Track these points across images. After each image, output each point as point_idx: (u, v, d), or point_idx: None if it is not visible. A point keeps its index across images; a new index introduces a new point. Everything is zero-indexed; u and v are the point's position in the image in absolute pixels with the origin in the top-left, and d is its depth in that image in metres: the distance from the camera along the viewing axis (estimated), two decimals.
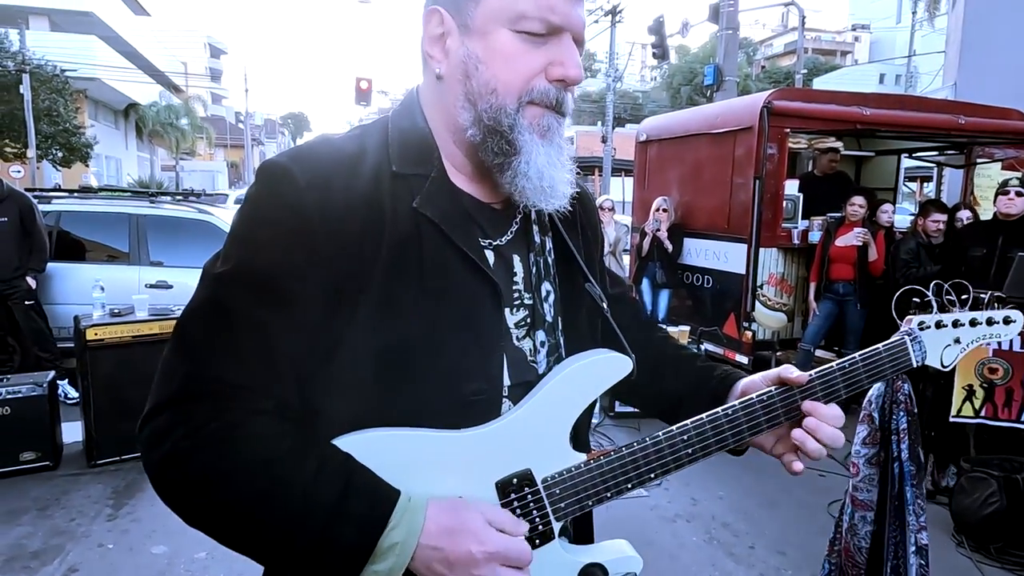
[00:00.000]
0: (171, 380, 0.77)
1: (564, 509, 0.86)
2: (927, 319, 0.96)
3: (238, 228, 0.82)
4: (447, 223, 0.83)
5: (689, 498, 3.82)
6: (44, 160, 18.54)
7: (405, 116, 0.89)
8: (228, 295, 0.78)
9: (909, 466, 0.99)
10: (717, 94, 10.61)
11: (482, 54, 0.82)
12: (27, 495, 3.63)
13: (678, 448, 0.89)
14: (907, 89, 28.57)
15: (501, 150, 0.83)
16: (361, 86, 15.37)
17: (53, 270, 5.45)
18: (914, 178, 13.03)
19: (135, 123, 30.68)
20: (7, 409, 3.80)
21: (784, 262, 5.74)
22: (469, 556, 0.75)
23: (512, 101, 0.82)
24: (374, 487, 0.76)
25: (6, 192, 5.01)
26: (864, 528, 1.05)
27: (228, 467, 0.73)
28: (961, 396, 3.64)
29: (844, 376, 0.93)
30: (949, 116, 5.82)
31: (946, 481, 3.84)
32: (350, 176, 0.80)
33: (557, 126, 0.86)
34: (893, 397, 0.97)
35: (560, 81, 0.83)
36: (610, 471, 0.86)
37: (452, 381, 0.82)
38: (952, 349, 0.96)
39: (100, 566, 2.99)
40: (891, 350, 0.95)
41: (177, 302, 4.81)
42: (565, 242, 0.96)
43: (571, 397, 0.87)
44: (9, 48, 17.50)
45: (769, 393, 0.92)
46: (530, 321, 0.91)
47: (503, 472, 0.83)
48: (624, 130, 26.58)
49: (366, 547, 0.73)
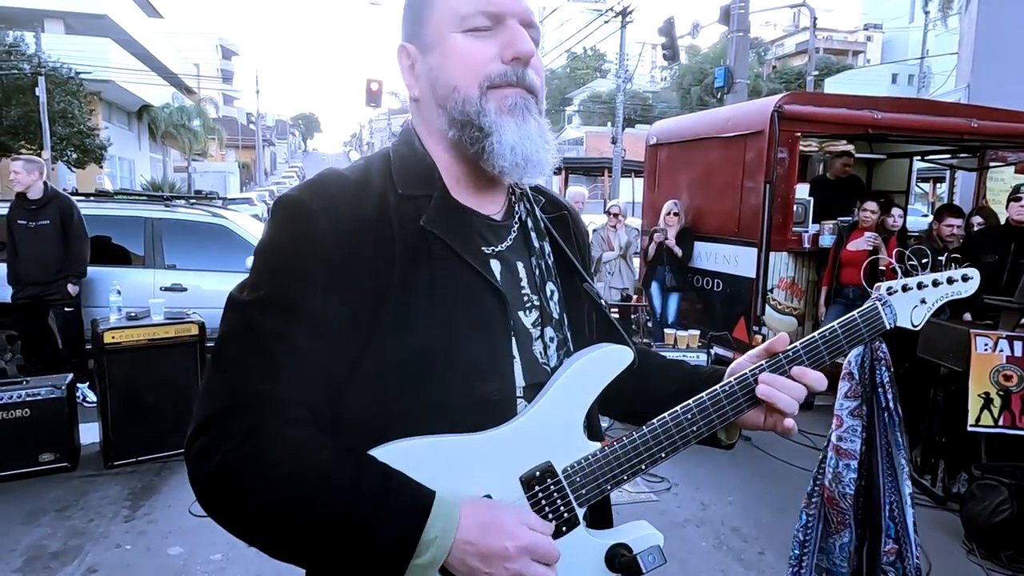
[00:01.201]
0: (212, 400, 0.82)
1: (585, 495, 0.92)
2: (894, 284, 1.05)
3: (261, 258, 0.88)
4: (452, 238, 0.90)
5: (699, 503, 3.83)
6: (59, 161, 18.74)
7: (404, 144, 0.98)
8: (257, 318, 0.83)
9: (896, 415, 1.06)
10: (728, 96, 10.59)
11: (440, 62, 0.91)
12: (46, 496, 3.69)
13: (683, 427, 0.95)
14: (920, 90, 28.37)
15: (474, 137, 0.90)
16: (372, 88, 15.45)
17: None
18: (927, 179, 12.95)
19: (148, 125, 30.92)
20: (27, 411, 3.87)
21: (795, 266, 5.73)
22: (503, 549, 0.80)
23: (474, 91, 0.89)
24: (410, 487, 0.81)
25: (50, 195, 5.07)
26: (848, 475, 1.11)
27: (273, 476, 0.78)
28: (979, 404, 3.63)
29: (826, 343, 0.99)
30: (961, 119, 5.80)
31: (957, 488, 3.83)
32: (359, 201, 0.87)
33: (525, 103, 0.92)
34: (874, 355, 1.04)
35: (515, 60, 0.90)
36: (624, 455, 0.93)
37: (468, 383, 0.87)
38: (920, 309, 1.04)
39: (118, 566, 3.05)
40: (865, 316, 1.02)
41: (191, 305, 4.87)
42: (560, 246, 1.04)
43: (581, 390, 0.93)
44: (25, 51, 17.70)
45: (760, 366, 0.98)
46: (540, 319, 0.98)
47: (525, 467, 0.89)
48: (634, 131, 26.56)
49: (409, 543, 0.77)
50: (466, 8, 0.89)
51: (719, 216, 6.03)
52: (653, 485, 4.00)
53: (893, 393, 1.01)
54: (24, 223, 4.98)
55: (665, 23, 13.74)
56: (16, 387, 3.91)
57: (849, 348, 1.01)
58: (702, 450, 4.20)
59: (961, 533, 3.45)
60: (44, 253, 4.98)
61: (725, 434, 1.04)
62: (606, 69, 51.71)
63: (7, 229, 5.00)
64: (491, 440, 0.87)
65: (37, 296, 5.02)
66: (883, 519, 1.09)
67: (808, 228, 5.81)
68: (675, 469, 4.19)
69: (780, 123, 5.26)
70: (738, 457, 4.48)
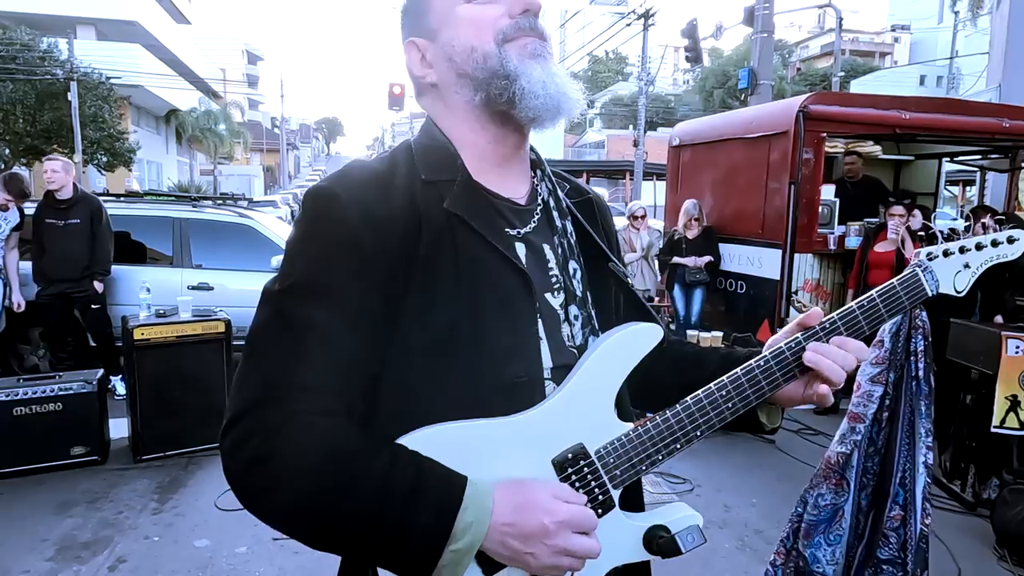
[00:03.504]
0: (245, 390, 0.82)
1: (620, 476, 0.90)
2: (934, 250, 1.01)
3: (292, 249, 0.88)
4: (476, 219, 0.90)
5: (722, 505, 3.80)
6: (90, 164, 19.17)
7: (424, 135, 0.99)
8: (290, 307, 0.84)
9: (924, 385, 1.03)
10: (751, 98, 10.51)
11: (452, 35, 0.93)
12: (77, 488, 3.78)
13: (718, 403, 0.93)
14: (949, 91, 27.87)
15: (502, 87, 0.91)
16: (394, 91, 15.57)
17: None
18: (956, 182, 12.71)
19: (175, 128, 31.52)
20: (59, 405, 3.96)
21: (820, 268, 5.67)
22: (542, 526, 0.80)
23: (491, 45, 0.91)
24: (443, 474, 0.80)
25: (79, 195, 5.20)
26: (851, 437, 1.08)
27: (307, 464, 0.78)
28: (1004, 407, 3.56)
29: (864, 313, 0.96)
30: (993, 119, 5.70)
31: (988, 493, 3.75)
32: (385, 188, 0.88)
33: (544, 48, 0.94)
34: (912, 323, 1.01)
35: (525, 12, 0.92)
36: (658, 435, 0.92)
37: (495, 367, 0.87)
38: (963, 274, 1.01)
39: (147, 557, 3.10)
40: (905, 283, 0.99)
41: (218, 304, 4.96)
42: (583, 225, 1.04)
43: (610, 370, 0.92)
44: (58, 57, 18.13)
45: (796, 339, 0.95)
46: (564, 299, 0.97)
47: (557, 450, 0.88)
48: (656, 134, 26.43)
49: (444, 528, 0.77)
50: None
51: (743, 217, 5.98)
52: (675, 486, 3.98)
53: (926, 363, 0.99)
54: (54, 222, 5.10)
55: (688, 25, 13.67)
56: (49, 382, 4.01)
57: (889, 317, 0.98)
58: (724, 452, 4.19)
59: (992, 539, 3.38)
60: (72, 252, 5.10)
61: (767, 417, 1.02)
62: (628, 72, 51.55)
63: (34, 228, 5.12)
64: (521, 423, 0.86)
65: (64, 293, 5.13)
66: (892, 485, 1.07)
67: (834, 229, 5.74)
68: (697, 471, 4.16)
69: (805, 123, 5.22)
70: (761, 459, 4.43)
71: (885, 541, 1.09)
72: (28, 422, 3.88)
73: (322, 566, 3.04)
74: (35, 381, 4.02)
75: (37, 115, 17.52)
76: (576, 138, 42.21)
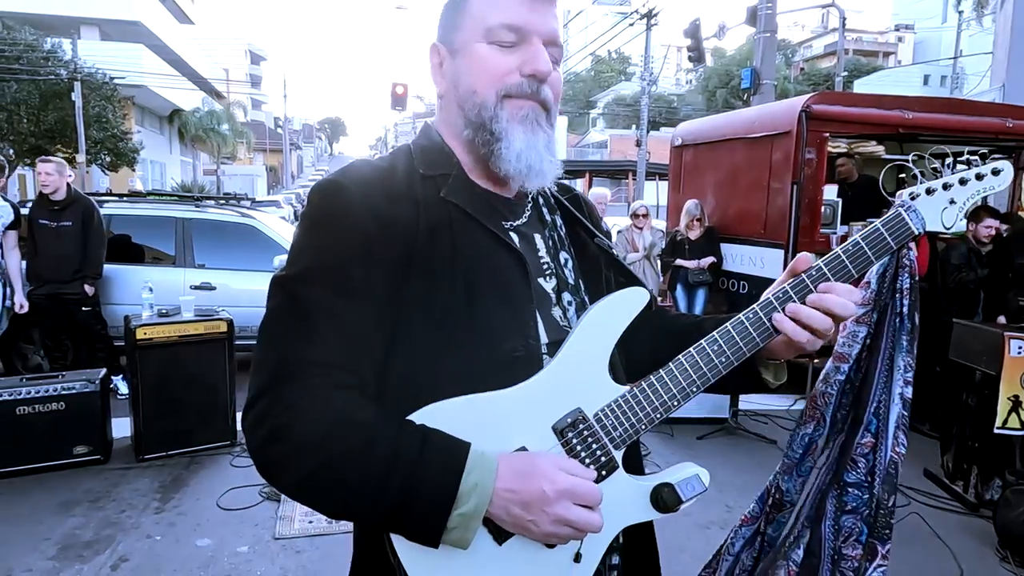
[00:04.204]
0: (263, 370, 0.87)
1: (619, 436, 0.93)
2: (916, 189, 1.00)
3: (301, 237, 0.93)
4: (472, 207, 0.96)
5: (723, 505, 3.80)
6: (93, 164, 19.21)
7: (423, 137, 1.06)
8: (301, 290, 0.88)
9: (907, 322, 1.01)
10: (754, 97, 10.49)
11: (464, 67, 0.98)
12: (79, 487, 3.78)
13: (709, 357, 0.94)
14: (953, 91, 27.79)
15: (486, 140, 0.97)
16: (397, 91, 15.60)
17: (105, 271, 5.66)
18: None
19: (178, 129, 31.58)
20: (62, 404, 3.97)
21: None
22: (542, 493, 0.82)
23: (491, 97, 0.96)
24: (448, 441, 0.84)
25: (73, 197, 5.20)
26: (835, 376, 1.07)
27: (322, 434, 0.82)
28: (1007, 407, 3.55)
29: (851, 257, 0.97)
30: (996, 119, 5.67)
31: (990, 494, 3.74)
32: (387, 180, 0.95)
33: (537, 115, 0.98)
34: (899, 262, 0.99)
35: (532, 76, 0.96)
36: (653, 393, 0.93)
37: (493, 342, 0.91)
38: (950, 210, 1.00)
39: (149, 556, 3.11)
40: (889, 223, 0.99)
41: (220, 303, 4.96)
42: (571, 214, 1.10)
43: (601, 335, 0.94)
44: (62, 57, 18.19)
45: (783, 289, 0.96)
46: (557, 285, 1.03)
47: (556, 416, 0.91)
48: (659, 134, 26.41)
49: (450, 491, 0.81)
50: (494, 20, 0.95)
51: (745, 217, 5.97)
52: None
53: (911, 301, 0.97)
54: (46, 223, 5.10)
55: (691, 25, 13.65)
56: (52, 381, 4.02)
57: (876, 259, 0.99)
58: (726, 452, 4.19)
59: (994, 540, 3.37)
60: (64, 253, 5.11)
61: (773, 375, 1.04)
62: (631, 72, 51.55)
63: (28, 228, 5.12)
64: (520, 393, 0.89)
65: (55, 294, 5.14)
66: (867, 414, 1.07)
67: (837, 230, 5.72)
68: None
69: (808, 123, 5.19)
70: (763, 459, 4.43)
71: (853, 466, 1.09)
72: (31, 421, 3.89)
73: (324, 565, 3.05)
74: (38, 381, 4.03)
75: (41, 115, 17.58)
76: (579, 138, 42.20)
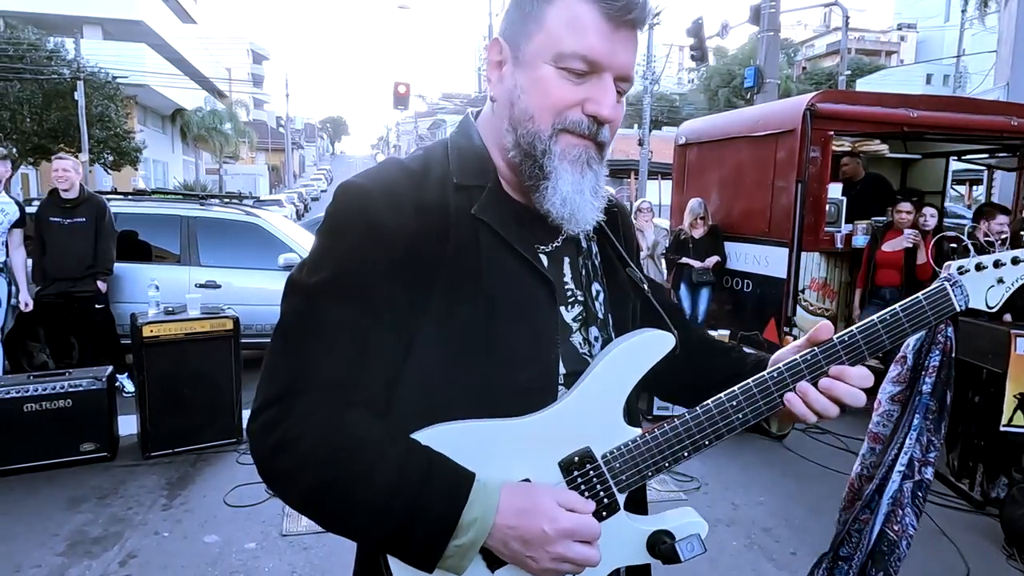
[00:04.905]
0: (275, 379, 0.86)
1: (625, 481, 0.91)
2: (966, 263, 0.97)
3: (324, 242, 0.90)
4: (503, 227, 0.91)
5: (729, 503, 3.80)
6: (96, 164, 19.25)
7: (463, 135, 0.99)
8: (320, 303, 0.86)
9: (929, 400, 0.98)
10: (757, 96, 10.48)
11: (526, 85, 0.90)
12: (86, 484, 3.80)
13: (728, 413, 0.92)
14: (956, 90, 27.73)
15: (534, 174, 0.91)
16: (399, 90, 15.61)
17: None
18: (963, 181, 12.65)
19: (181, 128, 31.62)
20: (69, 402, 3.98)
21: (827, 266, 5.65)
22: (543, 534, 0.82)
23: (547, 128, 0.89)
24: (452, 469, 0.83)
25: (86, 196, 5.22)
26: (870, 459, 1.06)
27: (329, 451, 0.82)
28: (1012, 405, 3.55)
29: (887, 327, 0.94)
30: (1001, 117, 5.67)
31: (996, 492, 3.74)
32: (417, 189, 0.89)
33: (590, 156, 0.92)
34: (933, 339, 0.96)
35: (593, 117, 0.89)
36: (665, 441, 0.92)
37: (510, 370, 0.88)
38: (996, 289, 0.96)
39: (157, 553, 3.12)
40: (932, 298, 0.95)
41: (225, 301, 4.97)
42: (610, 244, 1.04)
43: (620, 376, 0.92)
44: (65, 56, 18.23)
45: (812, 352, 0.94)
46: (584, 317, 0.98)
47: (564, 452, 0.89)
48: (661, 133, 26.36)
49: (451, 521, 0.80)
50: (568, 47, 0.86)
51: (750, 216, 5.97)
52: (683, 484, 3.97)
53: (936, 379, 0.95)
54: (58, 220, 5.11)
55: (693, 24, 13.65)
56: (58, 379, 4.03)
57: (912, 332, 0.95)
58: (732, 450, 4.20)
59: (1000, 538, 3.37)
60: (75, 250, 5.11)
61: (777, 427, 1.02)
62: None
63: (36, 226, 5.13)
64: (530, 425, 0.88)
65: (64, 292, 5.14)
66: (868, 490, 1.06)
67: (841, 228, 5.72)
68: (705, 469, 4.16)
69: (812, 121, 5.20)
70: (769, 458, 4.43)
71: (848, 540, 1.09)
72: (38, 419, 3.90)
73: (331, 562, 3.06)
74: (45, 378, 4.04)
75: (44, 114, 17.62)
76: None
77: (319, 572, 2.98)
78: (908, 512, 1.01)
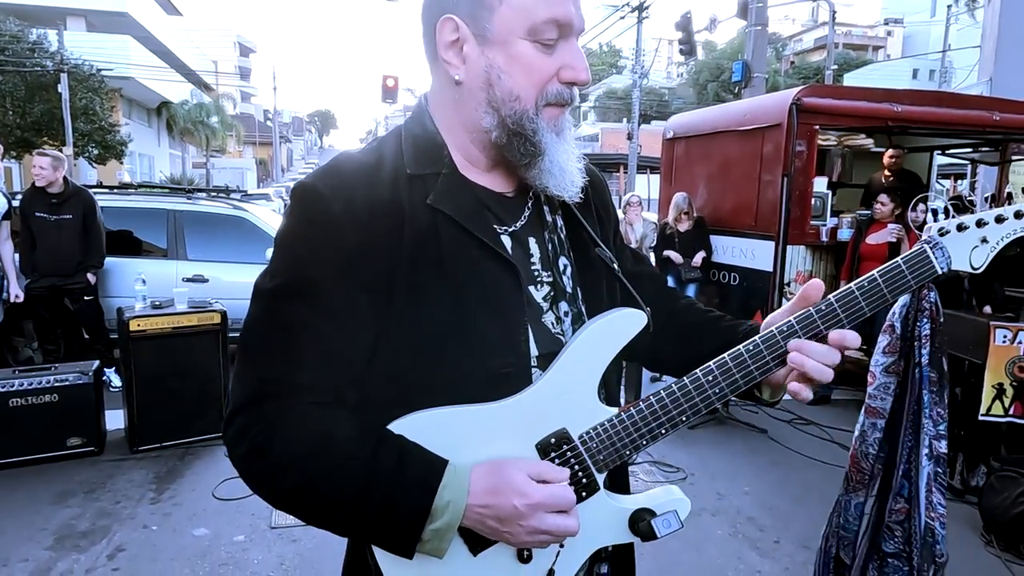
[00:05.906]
0: (243, 386, 0.87)
1: (603, 460, 0.92)
2: (947, 224, 0.93)
3: (280, 246, 0.91)
4: (461, 214, 0.90)
5: (715, 492, 3.85)
6: (80, 157, 19.04)
7: (416, 122, 0.98)
8: (281, 307, 0.87)
9: (929, 371, 0.96)
10: (745, 91, 10.53)
11: (504, 64, 0.89)
12: (74, 478, 3.79)
13: (704, 389, 0.91)
14: (941, 85, 27.98)
15: (527, 151, 0.91)
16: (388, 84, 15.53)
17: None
18: (947, 175, 12.78)
19: (167, 121, 31.30)
20: (55, 396, 3.96)
21: (812, 259, 5.71)
22: (514, 509, 0.83)
23: (532, 105, 0.90)
24: (424, 457, 0.85)
25: (72, 190, 5.18)
26: (873, 435, 1.04)
27: (301, 452, 0.84)
28: (991, 394, 3.62)
29: (865, 294, 0.91)
30: (984, 112, 5.74)
31: (976, 480, 3.81)
32: (371, 184, 0.89)
33: (566, 121, 0.95)
34: (918, 306, 0.94)
35: (571, 83, 0.91)
36: (641, 420, 0.92)
37: (481, 358, 0.89)
38: (981, 250, 0.92)
39: (145, 546, 3.12)
40: (911, 261, 0.93)
41: (213, 295, 4.95)
42: (575, 217, 1.02)
43: (593, 356, 0.92)
44: (48, 48, 18.00)
45: (789, 323, 0.92)
46: (552, 295, 0.98)
47: (540, 435, 0.90)
48: (650, 127, 26.42)
49: (424, 507, 0.82)
50: (541, 15, 0.86)
51: (736, 210, 6.01)
52: (669, 475, 4.02)
53: (932, 348, 0.93)
54: (45, 216, 5.07)
55: (682, 18, 13.68)
56: (44, 373, 4.01)
57: (893, 298, 0.92)
58: (718, 441, 4.25)
59: (979, 525, 3.43)
60: (65, 246, 5.08)
61: (768, 395, 1.00)
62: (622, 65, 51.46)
63: (23, 221, 5.08)
64: (506, 408, 0.88)
65: (54, 287, 5.12)
66: (896, 478, 1.04)
67: (826, 222, 5.78)
68: (691, 459, 4.21)
69: (799, 116, 5.25)
70: (754, 448, 4.48)
71: (890, 534, 1.06)
72: (24, 413, 3.89)
73: (320, 554, 3.08)
74: (31, 372, 4.02)
75: (27, 107, 17.41)
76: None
77: (308, 563, 2.99)
78: (936, 494, 1.00)
